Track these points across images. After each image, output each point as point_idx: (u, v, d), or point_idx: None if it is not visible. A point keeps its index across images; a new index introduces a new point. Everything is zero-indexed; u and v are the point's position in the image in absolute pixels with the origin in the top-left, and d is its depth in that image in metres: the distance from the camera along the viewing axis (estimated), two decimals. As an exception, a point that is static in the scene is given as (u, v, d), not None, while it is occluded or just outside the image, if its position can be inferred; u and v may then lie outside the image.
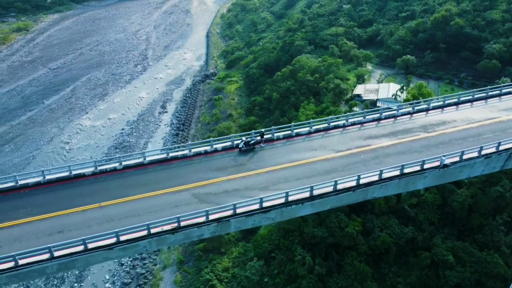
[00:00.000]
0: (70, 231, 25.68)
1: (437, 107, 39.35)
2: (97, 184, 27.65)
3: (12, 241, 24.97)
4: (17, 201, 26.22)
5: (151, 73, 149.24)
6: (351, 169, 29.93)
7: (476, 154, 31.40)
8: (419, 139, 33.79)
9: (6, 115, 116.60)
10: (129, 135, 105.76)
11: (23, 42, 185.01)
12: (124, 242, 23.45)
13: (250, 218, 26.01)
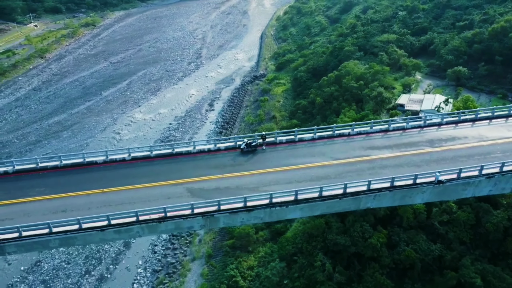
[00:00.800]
0: (72, 211, 28.43)
1: (451, 122, 38.02)
2: (106, 171, 30.19)
3: (22, 215, 28.11)
4: (36, 181, 29.49)
5: (203, 72, 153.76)
6: (344, 177, 29.95)
7: (477, 173, 30.31)
8: (422, 153, 32.87)
9: (68, 103, 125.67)
10: (175, 130, 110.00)
11: (89, 37, 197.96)
12: (117, 225, 25.68)
13: (238, 215, 27.07)
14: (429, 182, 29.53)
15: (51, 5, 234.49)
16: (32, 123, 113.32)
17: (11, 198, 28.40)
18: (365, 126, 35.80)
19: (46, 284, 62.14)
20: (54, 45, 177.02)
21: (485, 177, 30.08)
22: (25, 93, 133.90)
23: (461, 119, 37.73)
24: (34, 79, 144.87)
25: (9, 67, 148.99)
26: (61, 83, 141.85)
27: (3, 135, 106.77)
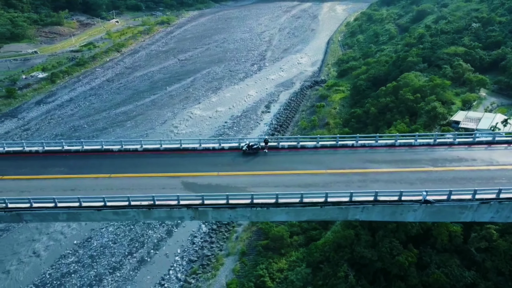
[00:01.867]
0: (79, 191, 31.35)
1: (463, 143, 35.65)
2: (118, 159, 32.98)
3: (39, 190, 31.63)
4: (59, 161, 33.19)
5: (265, 73, 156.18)
6: (331, 187, 29.92)
7: (470, 197, 28.40)
8: (420, 171, 31.38)
9: (135, 96, 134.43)
10: (229, 129, 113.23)
11: (163, 34, 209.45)
12: (113, 207, 28.06)
13: (225, 212, 28.17)
14: (415, 200, 28.74)
15: (132, 3, 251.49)
16: (102, 111, 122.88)
17: (35, 174, 32.44)
18: (371, 139, 35.25)
19: (93, 259, 67.59)
20: (130, 41, 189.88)
21: (479, 202, 28.42)
22: (99, 83, 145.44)
23: (476, 141, 35.67)
24: (108, 71, 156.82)
25: (89, 58, 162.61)
26: (132, 76, 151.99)
27: (76, 120, 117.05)
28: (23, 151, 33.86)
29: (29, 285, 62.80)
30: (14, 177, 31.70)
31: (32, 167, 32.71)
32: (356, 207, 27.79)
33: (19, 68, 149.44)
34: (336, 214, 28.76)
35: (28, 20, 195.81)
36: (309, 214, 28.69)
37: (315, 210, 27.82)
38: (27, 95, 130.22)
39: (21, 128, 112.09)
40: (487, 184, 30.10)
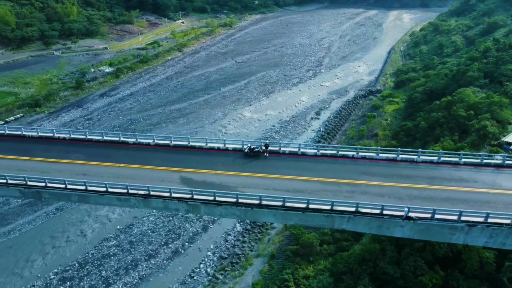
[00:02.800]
0: (89, 176, 34.00)
1: (470, 163, 33.37)
2: (131, 151, 35.32)
3: (57, 171, 34.86)
4: (80, 148, 36.40)
5: (319, 80, 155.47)
6: (318, 194, 29.80)
7: (455, 218, 26.57)
8: (413, 188, 30.12)
9: (190, 94, 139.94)
10: (276, 132, 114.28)
11: (224, 36, 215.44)
12: (114, 193, 30.33)
13: (216, 208, 29.22)
14: (397, 215, 27.79)
15: (199, 5, 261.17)
16: (158, 107, 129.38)
17: (57, 158, 35.84)
18: (372, 152, 34.61)
19: (131, 245, 71.82)
20: (192, 41, 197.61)
21: (465, 224, 26.91)
22: (159, 80, 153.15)
23: (483, 163, 33.81)
24: (169, 69, 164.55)
25: (152, 56, 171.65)
26: (190, 75, 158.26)
27: (133, 114, 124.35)
28: (53, 137, 37.97)
29: (73, 262, 68.13)
30: (40, 159, 35.84)
31: (57, 152, 36.42)
32: (341, 217, 27.78)
33: (90, 62, 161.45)
34: (323, 222, 28.95)
35: (102, 18, 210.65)
36: (295, 219, 29.18)
37: (300, 216, 28.25)
38: (93, 87, 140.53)
39: (84, 118, 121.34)
40: (480, 207, 28.63)
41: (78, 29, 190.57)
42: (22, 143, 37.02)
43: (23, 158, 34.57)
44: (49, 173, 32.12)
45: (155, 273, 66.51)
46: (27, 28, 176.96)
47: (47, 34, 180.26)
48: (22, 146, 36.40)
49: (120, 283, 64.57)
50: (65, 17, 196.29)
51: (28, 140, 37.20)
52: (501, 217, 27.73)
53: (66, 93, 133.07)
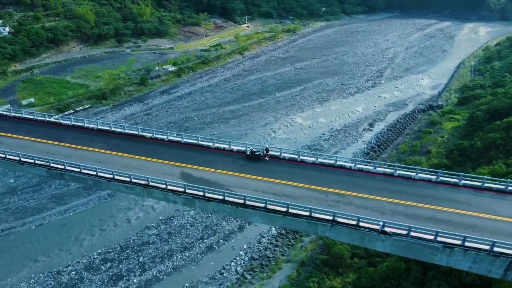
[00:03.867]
0: (103, 163, 36.73)
1: (470, 185, 30.82)
2: (146, 145, 37.72)
3: (77, 157, 38.42)
4: (103, 139, 39.60)
5: (377, 91, 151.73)
6: (303, 200, 30.05)
7: (432, 238, 24.74)
8: (399, 204, 28.90)
9: (245, 97, 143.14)
10: (325, 141, 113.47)
11: (286, 42, 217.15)
12: (120, 181, 32.59)
13: (209, 204, 30.44)
14: (373, 229, 26.69)
15: (265, 10, 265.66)
16: (212, 107, 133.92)
17: (82, 145, 39.19)
18: (369, 165, 33.75)
19: (170, 236, 75.47)
20: (254, 45, 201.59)
21: (442, 245, 25.28)
22: (217, 81, 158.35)
23: (484, 187, 31.76)
24: (228, 71, 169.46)
25: (214, 58, 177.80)
26: (247, 78, 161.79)
27: (189, 112, 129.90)
28: (83, 126, 41.93)
29: (115, 245, 73.06)
30: (67, 144, 39.96)
31: (83, 140, 40.05)
32: (324, 225, 27.75)
33: (156, 61, 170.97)
34: (306, 227, 29.22)
35: (172, 20, 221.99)
36: (280, 222, 29.68)
37: (286, 220, 28.68)
38: (156, 85, 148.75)
39: (144, 112, 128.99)
40: (464, 230, 27.12)
41: (149, 29, 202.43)
42: (57, 130, 41.49)
43: (54, 143, 39.25)
44: (71, 158, 35.83)
45: (188, 265, 69.34)
46: (104, 26, 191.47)
47: (121, 33, 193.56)
48: (56, 132, 40.89)
49: (154, 270, 68.18)
50: (139, 17, 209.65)
51: (63, 127, 41.78)
52: (480, 242, 26.52)
53: (130, 88, 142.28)
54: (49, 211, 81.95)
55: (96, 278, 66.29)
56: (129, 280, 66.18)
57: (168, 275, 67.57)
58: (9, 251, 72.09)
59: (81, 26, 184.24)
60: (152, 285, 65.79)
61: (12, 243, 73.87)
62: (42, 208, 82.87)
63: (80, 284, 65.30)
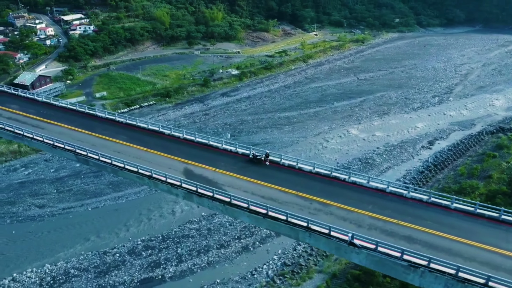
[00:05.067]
0: (121, 154, 39.76)
1: (461, 210, 28.12)
2: (162, 140, 40.16)
3: (101, 146, 41.66)
4: (128, 132, 42.68)
5: (443, 108, 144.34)
6: (287, 206, 30.84)
7: (398, 255, 23.15)
8: (379, 219, 27.87)
9: (302, 104, 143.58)
10: (378, 155, 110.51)
11: (353, 52, 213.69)
12: (130, 171, 34.89)
13: (204, 200, 31.78)
14: (343, 239, 25.71)
15: (336, 19, 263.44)
16: (269, 112, 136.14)
17: (108, 136, 42.61)
18: (363, 179, 32.67)
19: (209, 232, 78.50)
20: (319, 54, 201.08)
21: (407, 263, 23.55)
22: (277, 87, 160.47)
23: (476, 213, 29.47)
24: (289, 78, 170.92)
25: (277, 64, 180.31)
26: (307, 86, 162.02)
27: (245, 115, 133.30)
28: (115, 120, 45.80)
29: (158, 234, 77.60)
30: (96, 134, 43.99)
31: (111, 131, 43.73)
32: (304, 231, 27.86)
33: (221, 64, 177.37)
34: (289, 232, 29.58)
35: (242, 25, 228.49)
36: (264, 224, 30.23)
37: (270, 222, 29.22)
38: (217, 87, 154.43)
39: (203, 112, 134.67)
40: (438, 252, 25.50)
41: (219, 32, 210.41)
42: (92, 121, 45.89)
43: (87, 132, 43.66)
44: (95, 146, 39.65)
45: (222, 262, 71.72)
46: (177, 29, 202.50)
47: (192, 35, 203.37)
48: (91, 123, 45.28)
49: (190, 262, 71.45)
50: (210, 21, 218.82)
51: (98, 119, 46.20)
52: (445, 265, 25.20)
53: (193, 89, 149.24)
54: (105, 196, 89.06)
55: (137, 263, 70.98)
56: (165, 268, 70.02)
57: (202, 269, 70.47)
58: (66, 228, 79.63)
59: (156, 27, 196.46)
60: (185, 276, 69.05)
61: (69, 221, 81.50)
62: (99, 193, 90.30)
63: (122, 266, 70.36)
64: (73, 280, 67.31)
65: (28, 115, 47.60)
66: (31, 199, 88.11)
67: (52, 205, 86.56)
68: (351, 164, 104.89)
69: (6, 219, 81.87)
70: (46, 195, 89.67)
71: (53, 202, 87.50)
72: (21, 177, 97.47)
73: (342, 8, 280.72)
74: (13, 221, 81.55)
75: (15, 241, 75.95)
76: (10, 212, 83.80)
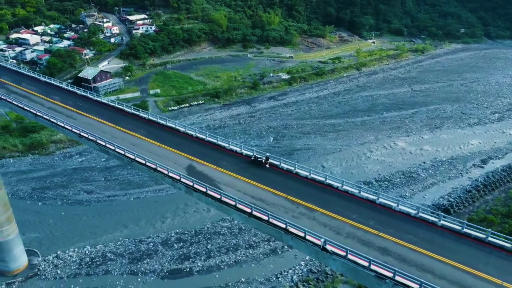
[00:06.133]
0: (136, 147, 41.67)
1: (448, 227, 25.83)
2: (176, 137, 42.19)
3: (120, 139, 44.07)
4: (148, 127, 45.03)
5: (503, 126, 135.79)
6: (273, 207, 31.56)
7: (366, 264, 23.99)
8: (359, 228, 28.51)
9: (350, 113, 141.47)
10: (423, 170, 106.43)
11: (410, 62, 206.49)
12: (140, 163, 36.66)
13: (202, 197, 32.33)
14: (316, 244, 26.60)
15: (396, 27, 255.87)
16: (314, 118, 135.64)
17: (128, 129, 45.33)
18: (354, 188, 31.53)
19: (240, 231, 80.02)
20: (374, 62, 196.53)
21: (374, 274, 22.06)
22: (326, 94, 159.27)
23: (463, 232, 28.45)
24: (339, 85, 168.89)
25: (329, 71, 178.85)
26: (357, 94, 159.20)
27: (290, 120, 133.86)
28: (139, 115, 48.77)
29: (191, 229, 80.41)
30: (120, 127, 46.57)
31: (133, 126, 46.21)
32: (287, 234, 28.01)
33: (273, 67, 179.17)
34: (273, 233, 29.81)
35: (298, 30, 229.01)
36: (253, 223, 30.43)
37: (257, 223, 29.54)
38: (266, 90, 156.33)
39: (249, 114, 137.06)
40: (408, 266, 24.23)
41: (274, 36, 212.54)
42: (118, 115, 48.82)
43: (111, 125, 46.62)
44: (115, 139, 42.29)
45: (249, 262, 73.01)
46: (233, 31, 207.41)
47: (247, 38, 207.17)
48: (117, 117, 48.13)
49: (218, 259, 73.46)
50: (267, 25, 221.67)
51: (124, 113, 49.22)
52: (410, 280, 24.33)
53: (242, 91, 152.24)
54: (147, 188, 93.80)
55: (168, 253, 74.22)
56: (194, 262, 72.58)
57: (228, 267, 72.19)
58: (109, 214, 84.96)
59: (213, 29, 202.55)
60: (212, 271, 71.13)
61: (112, 209, 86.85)
62: (142, 184, 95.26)
63: (154, 255, 73.90)
64: (108, 263, 71.79)
65: (66, 106, 52.29)
66: (81, 185, 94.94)
67: (99, 192, 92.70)
68: (393, 177, 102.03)
69: (57, 201, 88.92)
70: (95, 182, 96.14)
71: (100, 189, 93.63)
72: (75, 163, 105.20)
73: (404, 16, 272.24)
74: (63, 203, 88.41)
75: (63, 222, 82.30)
76: (62, 195, 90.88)
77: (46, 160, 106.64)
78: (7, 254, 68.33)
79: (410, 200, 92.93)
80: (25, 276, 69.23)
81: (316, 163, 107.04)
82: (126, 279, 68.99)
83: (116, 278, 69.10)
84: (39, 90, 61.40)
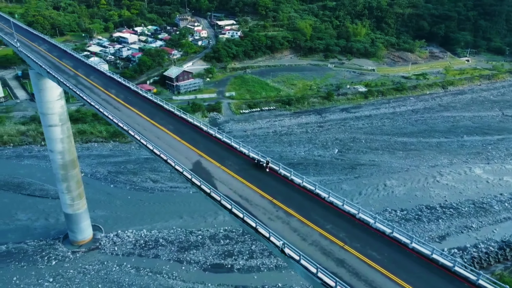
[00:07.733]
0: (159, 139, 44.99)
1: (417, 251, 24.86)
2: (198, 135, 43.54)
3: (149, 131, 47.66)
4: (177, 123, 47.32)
5: None
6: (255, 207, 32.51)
7: (315, 271, 24.72)
8: (327, 237, 28.58)
9: (426, 132, 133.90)
10: (498, 202, 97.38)
11: (506, 84, 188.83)
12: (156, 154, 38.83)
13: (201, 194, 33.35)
14: (277, 245, 27.61)
15: (496, 45, 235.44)
16: (385, 134, 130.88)
17: (159, 123, 48.56)
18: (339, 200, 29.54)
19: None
20: (463, 81, 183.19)
21: (320, 281, 20.34)
22: (403, 110, 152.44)
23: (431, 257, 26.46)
24: (420, 103, 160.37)
25: (410, 87, 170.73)
26: (438, 114, 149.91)
27: (359, 134, 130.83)
28: (173, 112, 51.18)
29: (239, 227, 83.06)
30: (152, 121, 49.24)
31: (165, 121, 48.96)
32: (269, 243, 28.16)
33: (351, 79, 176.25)
34: (250, 231, 29.74)
35: (385, 43, 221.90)
36: (238, 221, 30.64)
37: (245, 227, 29.79)
38: (339, 101, 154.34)
39: (317, 124, 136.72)
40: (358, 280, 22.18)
41: (358, 48, 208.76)
42: (157, 110, 52.15)
43: (147, 118, 49.71)
44: (145, 130, 45.71)
45: (288, 269, 73.37)
46: (317, 41, 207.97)
47: (330, 48, 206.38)
48: (155, 112, 51.24)
49: (259, 261, 75.11)
50: (352, 36, 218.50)
51: (162, 109, 52.31)
52: None
53: (314, 100, 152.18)
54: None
55: (213, 248, 77.78)
56: (236, 260, 75.17)
57: (268, 270, 73.56)
58: (168, 204, 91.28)
59: (297, 38, 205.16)
60: (252, 272, 73.05)
61: (172, 199, 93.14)
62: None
63: (201, 247, 77.96)
64: (159, 248, 77.39)
65: (117, 99, 57.80)
66: (149, 173, 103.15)
67: (163, 182, 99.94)
68: (461, 205, 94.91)
69: (126, 186, 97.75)
70: (161, 172, 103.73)
71: (165, 180, 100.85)
72: (147, 154, 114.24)
73: (508, 34, 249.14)
74: (131, 188, 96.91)
75: (128, 205, 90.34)
76: (131, 181, 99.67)
77: (124, 148, 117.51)
78: (75, 226, 77.18)
79: (476, 232, 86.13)
80: (88, 248, 77.57)
81: (378, 180, 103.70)
82: (172, 266, 73.83)
83: (163, 263, 74.32)
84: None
